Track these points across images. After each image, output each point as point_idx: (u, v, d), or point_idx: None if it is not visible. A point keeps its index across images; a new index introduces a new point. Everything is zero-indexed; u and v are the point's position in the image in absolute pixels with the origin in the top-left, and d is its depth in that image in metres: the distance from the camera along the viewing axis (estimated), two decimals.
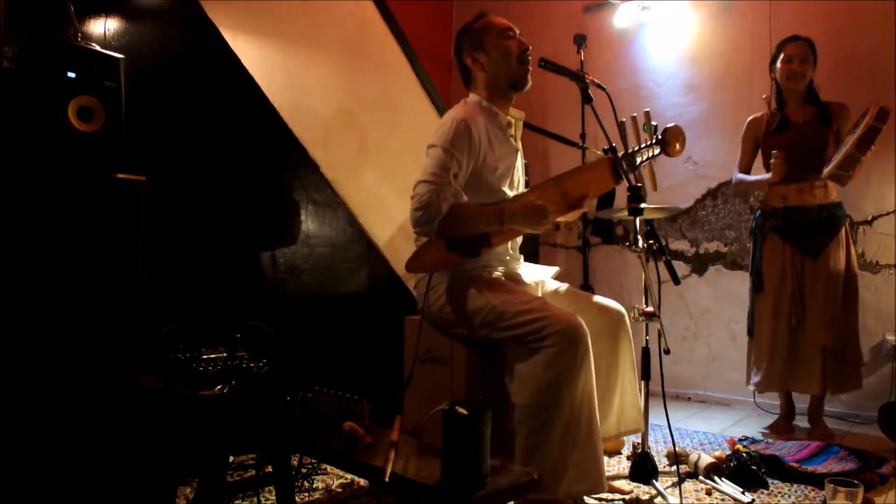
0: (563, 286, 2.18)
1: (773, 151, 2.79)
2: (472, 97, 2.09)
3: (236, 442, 1.77)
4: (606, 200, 3.20)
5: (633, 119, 2.04)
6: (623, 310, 2.10)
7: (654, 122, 2.04)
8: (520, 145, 2.17)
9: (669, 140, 2.01)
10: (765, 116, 2.98)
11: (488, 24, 2.06)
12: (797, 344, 2.81)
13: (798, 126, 2.86)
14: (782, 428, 2.93)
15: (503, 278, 2.03)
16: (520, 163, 2.17)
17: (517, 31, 2.07)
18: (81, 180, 1.74)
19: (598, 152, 2.08)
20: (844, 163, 2.63)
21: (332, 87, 2.87)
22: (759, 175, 2.97)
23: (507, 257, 2.13)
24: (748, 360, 2.99)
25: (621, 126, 2.05)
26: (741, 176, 3.03)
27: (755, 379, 2.92)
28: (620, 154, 2.02)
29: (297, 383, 1.67)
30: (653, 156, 2.04)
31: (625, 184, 2.02)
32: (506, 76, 2.03)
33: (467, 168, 1.93)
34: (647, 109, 2.08)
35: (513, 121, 2.12)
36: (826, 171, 2.73)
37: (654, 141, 2.02)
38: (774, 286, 2.85)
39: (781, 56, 2.87)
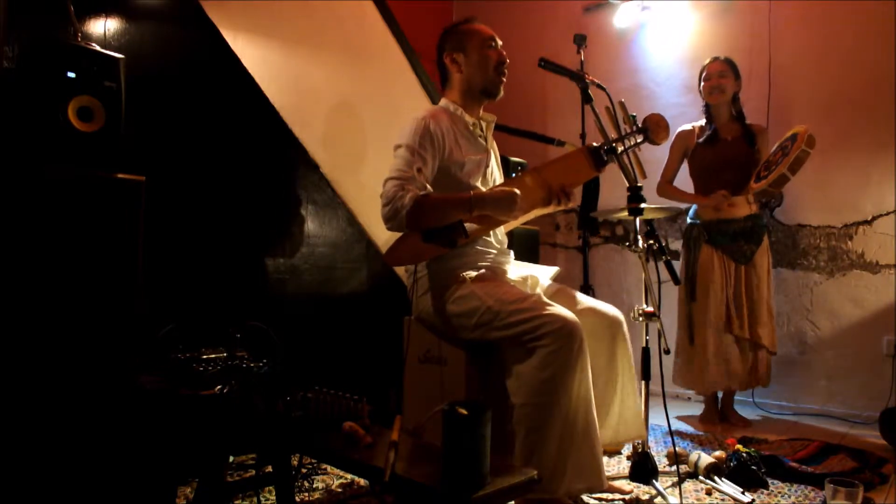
0: (561, 288, 2.16)
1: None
2: (442, 102, 2.14)
3: (236, 442, 1.77)
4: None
5: (607, 109, 2.03)
6: (621, 315, 2.08)
7: (633, 113, 2.03)
8: (493, 146, 2.19)
9: (651, 127, 2.01)
10: (695, 130, 3.20)
11: (473, 30, 2.10)
12: (730, 345, 3.03)
13: (727, 143, 3.10)
14: (712, 418, 3.14)
15: (488, 273, 2.01)
16: (493, 163, 2.19)
17: (499, 43, 2.12)
18: (81, 180, 1.74)
19: (575, 145, 2.09)
20: (776, 182, 2.83)
21: (333, 87, 2.87)
22: (688, 192, 3.19)
23: (493, 252, 2.12)
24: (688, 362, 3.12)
25: (596, 116, 2.05)
26: (667, 186, 3.24)
27: (686, 379, 3.13)
28: (600, 143, 2.01)
29: (297, 383, 1.67)
30: (636, 144, 2.02)
31: (622, 182, 2.03)
32: (480, 82, 2.08)
33: (433, 163, 1.96)
34: (622, 100, 2.05)
35: (482, 123, 2.15)
36: (758, 186, 2.90)
37: (634, 130, 2.02)
38: (712, 293, 3.03)
39: (703, 76, 3.14)
